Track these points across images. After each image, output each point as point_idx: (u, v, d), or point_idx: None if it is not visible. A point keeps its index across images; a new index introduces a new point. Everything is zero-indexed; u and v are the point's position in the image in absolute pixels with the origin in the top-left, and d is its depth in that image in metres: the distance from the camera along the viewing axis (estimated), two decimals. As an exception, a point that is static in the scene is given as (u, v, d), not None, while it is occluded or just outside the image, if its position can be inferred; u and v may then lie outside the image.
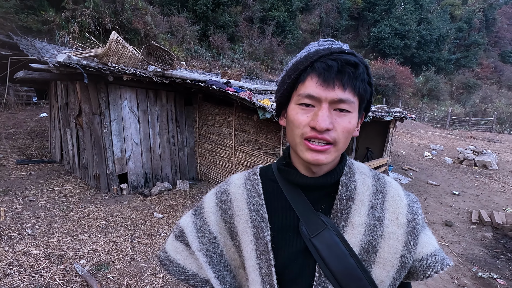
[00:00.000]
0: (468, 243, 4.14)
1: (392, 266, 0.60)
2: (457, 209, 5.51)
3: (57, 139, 5.72)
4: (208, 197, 0.73)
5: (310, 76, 0.56)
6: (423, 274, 0.62)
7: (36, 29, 10.19)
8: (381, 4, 25.07)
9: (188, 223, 0.71)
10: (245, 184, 0.69)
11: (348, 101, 0.56)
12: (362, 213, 0.62)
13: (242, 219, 0.65)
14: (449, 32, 26.11)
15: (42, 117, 8.42)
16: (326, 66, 0.55)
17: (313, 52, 0.58)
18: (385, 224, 0.62)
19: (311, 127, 0.56)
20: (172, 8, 16.00)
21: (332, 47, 0.58)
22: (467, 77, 24.99)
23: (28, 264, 2.70)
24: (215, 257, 0.66)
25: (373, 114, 5.43)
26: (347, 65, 0.55)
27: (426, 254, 0.63)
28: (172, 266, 0.70)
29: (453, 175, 8.03)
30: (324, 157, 0.57)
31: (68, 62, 3.52)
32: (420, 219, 0.64)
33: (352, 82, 0.55)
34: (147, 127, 4.88)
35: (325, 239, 0.59)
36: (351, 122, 0.57)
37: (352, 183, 0.64)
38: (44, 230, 3.32)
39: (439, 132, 16.01)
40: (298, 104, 0.58)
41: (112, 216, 3.81)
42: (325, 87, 0.55)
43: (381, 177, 0.69)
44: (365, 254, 0.60)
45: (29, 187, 4.41)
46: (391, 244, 0.60)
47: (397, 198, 0.65)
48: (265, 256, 0.61)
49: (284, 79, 0.61)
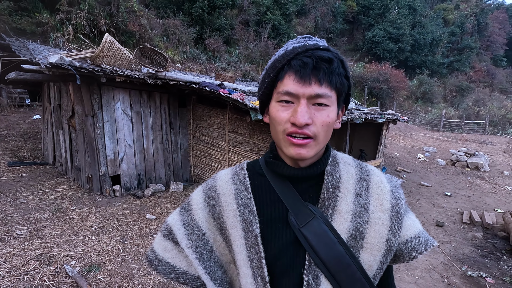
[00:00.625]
0: (458, 243, 4.19)
1: (379, 251, 0.62)
2: (449, 209, 5.57)
3: (50, 141, 5.69)
4: (196, 193, 0.73)
5: (287, 74, 0.58)
6: (408, 256, 0.64)
7: (30, 31, 10.15)
8: (376, 8, 25.38)
9: (176, 221, 0.70)
10: (233, 179, 0.69)
11: (325, 95, 0.57)
12: (348, 201, 0.63)
13: (231, 213, 0.66)
14: (442, 36, 26.49)
15: (35, 119, 8.36)
16: (302, 63, 0.56)
17: (290, 50, 0.59)
18: (371, 210, 0.63)
19: (291, 123, 0.57)
20: (168, 10, 16.03)
21: (308, 44, 0.59)
22: (460, 80, 25.34)
23: (18, 266, 2.68)
24: (205, 253, 0.67)
25: (366, 116, 5.49)
26: (321, 61, 0.57)
27: (410, 237, 0.64)
28: (161, 265, 0.69)
29: (445, 176, 8.12)
30: (306, 151, 0.59)
31: (61, 63, 3.52)
32: (403, 204, 0.66)
33: (327, 77, 0.57)
34: (140, 129, 4.88)
35: (314, 228, 0.60)
36: (330, 116, 0.59)
37: (337, 173, 0.66)
38: (35, 232, 3.30)
39: (433, 135, 16.18)
40: (278, 102, 0.60)
41: (104, 218, 3.80)
42: (302, 84, 0.56)
43: (364, 166, 0.71)
44: (353, 240, 0.61)
45: (20, 189, 4.38)
46: (377, 229, 0.62)
47: (380, 185, 0.67)
48: (255, 249, 0.61)
49: (264, 78, 0.63)
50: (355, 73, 20.73)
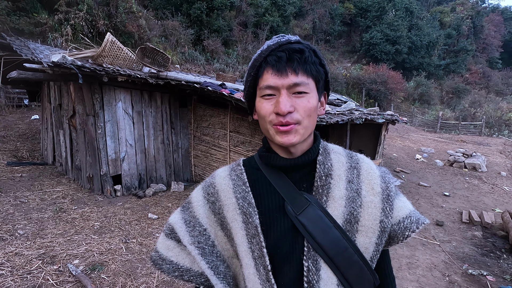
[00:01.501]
0: (458, 242, 4.22)
1: (373, 233, 0.64)
2: (448, 209, 5.61)
3: (50, 141, 5.66)
4: (195, 192, 0.75)
5: (265, 69, 0.62)
6: (402, 235, 0.67)
7: (28, 31, 10.10)
8: (373, 10, 25.57)
9: (177, 219, 0.72)
10: (230, 175, 0.72)
11: (302, 83, 0.61)
12: (341, 187, 0.66)
13: (230, 207, 0.68)
14: (439, 38, 26.74)
15: (33, 119, 8.31)
16: (276, 58, 0.61)
17: (265, 48, 0.64)
18: (363, 195, 0.67)
19: (275, 113, 0.61)
20: (166, 12, 16.03)
21: (280, 41, 0.64)
22: (456, 82, 25.57)
23: (21, 265, 2.67)
24: (207, 248, 0.68)
25: (366, 116, 5.53)
26: (294, 53, 0.61)
27: (402, 217, 0.68)
28: (165, 264, 0.71)
29: (443, 177, 8.18)
30: (293, 136, 0.62)
31: (63, 62, 3.52)
32: (393, 187, 0.70)
33: (302, 66, 0.61)
34: (141, 129, 4.87)
35: (310, 215, 0.63)
36: (310, 101, 0.62)
37: (329, 161, 0.69)
38: (37, 231, 3.28)
39: (430, 136, 16.30)
40: (262, 96, 0.64)
41: (106, 217, 3.78)
42: (280, 76, 0.60)
43: (354, 155, 0.74)
44: (348, 224, 0.64)
45: (20, 189, 4.35)
46: (370, 212, 0.65)
47: (370, 171, 0.71)
48: (255, 239, 0.63)
49: (247, 78, 0.67)
50: (353, 75, 20.85)
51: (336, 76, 19.99)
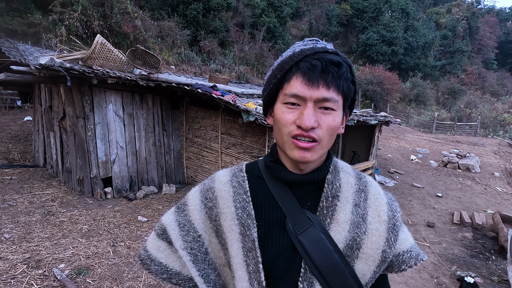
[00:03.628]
0: (448, 243, 4.24)
1: (373, 261, 0.63)
2: (440, 210, 5.64)
3: (41, 143, 5.62)
4: (192, 194, 0.71)
5: (295, 75, 0.57)
6: (398, 268, 0.66)
7: (21, 32, 10.04)
8: (369, 11, 25.67)
9: (170, 221, 0.69)
10: (231, 181, 0.68)
11: (332, 99, 0.57)
12: (346, 211, 0.63)
13: (229, 216, 0.65)
14: (435, 39, 26.88)
15: (26, 121, 8.26)
16: (310, 66, 0.56)
17: (298, 51, 0.59)
18: (368, 221, 0.64)
19: (297, 125, 0.57)
20: (162, 12, 16.00)
21: (316, 47, 0.59)
22: (452, 83, 25.71)
23: (5, 269, 2.64)
24: (199, 255, 0.66)
25: (358, 118, 5.54)
26: (330, 65, 0.56)
27: (403, 250, 0.66)
28: (154, 265, 0.68)
29: (437, 177, 8.22)
30: (310, 154, 0.58)
31: (51, 65, 3.49)
32: (399, 217, 0.67)
33: (336, 81, 0.57)
34: (132, 131, 4.85)
35: (311, 235, 0.60)
36: (336, 120, 0.59)
37: (337, 181, 0.66)
38: (23, 235, 3.25)
39: (426, 136, 16.36)
40: (284, 103, 0.59)
41: (95, 220, 3.76)
42: (310, 87, 0.56)
43: (362, 177, 0.71)
44: (349, 250, 0.62)
45: (9, 192, 4.32)
46: (373, 240, 0.63)
47: (378, 196, 0.68)
48: (252, 253, 0.61)
49: (271, 79, 0.62)
50: (349, 76, 20.86)
51: (332, 77, 19.99)
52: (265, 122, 3.76)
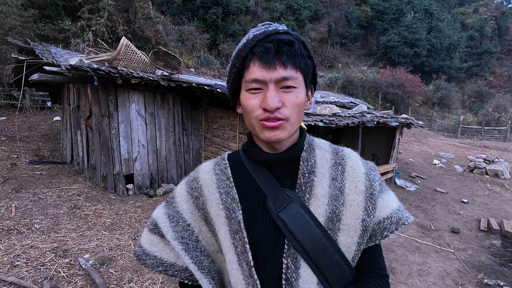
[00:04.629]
0: (475, 250, 4.04)
1: (355, 231, 0.64)
2: (465, 216, 5.39)
3: (68, 140, 5.91)
4: (179, 186, 0.74)
5: (252, 61, 0.59)
6: (380, 235, 0.66)
7: (52, 37, 10.63)
8: (390, 13, 25.11)
9: (160, 214, 0.72)
10: (214, 169, 0.71)
11: (291, 77, 0.58)
12: (324, 185, 0.65)
13: (214, 202, 0.67)
14: (460, 40, 25.85)
15: (55, 120, 8.72)
16: (264, 49, 0.57)
17: (251, 38, 0.60)
18: (346, 193, 0.65)
19: (262, 108, 0.59)
20: (183, 17, 16.44)
21: (268, 30, 0.60)
22: (479, 86, 24.54)
23: (35, 257, 2.80)
24: (190, 243, 0.68)
25: (378, 119, 5.43)
26: (283, 45, 0.58)
27: (383, 217, 0.67)
28: (149, 259, 0.70)
29: (462, 183, 7.86)
30: (280, 132, 0.60)
31: (80, 65, 3.69)
32: (377, 185, 0.68)
33: (291, 59, 0.58)
34: (153, 130, 5.00)
35: (291, 212, 0.61)
36: (299, 97, 0.60)
37: (312, 158, 0.67)
38: (52, 226, 3.43)
39: (450, 141, 15.71)
40: (247, 90, 0.61)
41: (117, 215, 3.90)
42: (268, 69, 0.57)
43: (340, 151, 0.72)
44: (330, 223, 0.63)
45: (39, 186, 4.57)
46: (352, 210, 0.64)
47: (355, 167, 0.69)
48: (238, 235, 0.63)
49: (231, 69, 0.64)
50: (369, 78, 20.48)
51: (351, 80, 19.71)
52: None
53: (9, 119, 8.33)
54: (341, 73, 20.32)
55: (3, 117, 8.30)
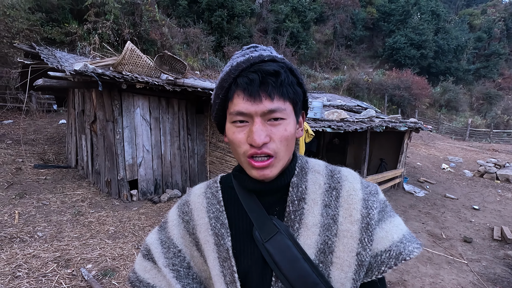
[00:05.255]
0: (489, 261, 3.89)
1: (349, 266, 0.57)
2: (477, 224, 5.23)
3: (73, 145, 5.89)
4: (171, 210, 0.72)
5: (236, 93, 0.55)
6: (377, 270, 0.59)
7: (59, 40, 10.69)
8: (397, 14, 24.89)
9: (153, 240, 0.70)
10: (205, 192, 0.68)
11: (279, 109, 0.55)
12: (315, 213, 0.60)
13: (203, 227, 0.65)
14: (468, 41, 25.51)
15: (61, 123, 8.74)
16: (248, 80, 0.54)
17: (235, 66, 0.56)
18: (339, 222, 0.59)
19: (249, 144, 0.55)
20: (188, 20, 16.47)
21: (252, 57, 0.56)
22: (487, 88, 24.14)
23: (37, 267, 2.74)
24: (182, 270, 0.66)
25: (387, 124, 5.31)
26: (268, 76, 0.54)
27: (381, 250, 0.59)
28: (142, 286, 0.69)
29: (473, 188, 7.67)
30: (269, 171, 0.56)
31: (84, 71, 3.64)
32: (375, 214, 0.60)
33: (278, 90, 0.54)
34: (158, 134, 4.95)
35: (277, 243, 0.57)
36: (287, 129, 0.56)
37: (303, 183, 0.63)
38: (55, 234, 3.38)
39: (458, 144, 15.44)
40: (232, 123, 0.57)
41: (121, 222, 3.84)
42: (253, 102, 0.54)
43: (336, 173, 0.66)
44: (322, 255, 0.58)
45: (43, 191, 4.54)
46: (345, 242, 0.58)
47: (352, 192, 0.62)
48: (227, 263, 0.60)
49: (215, 99, 0.60)
50: (375, 80, 20.29)
51: (357, 82, 19.55)
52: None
53: (15, 122, 8.37)
54: (346, 75, 20.16)
55: (10, 120, 8.34)
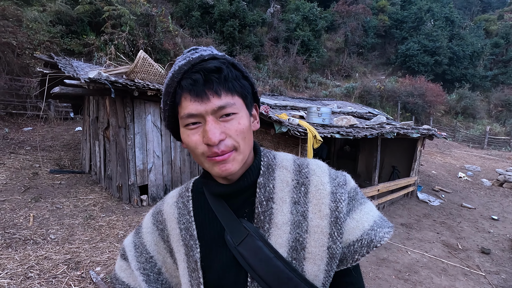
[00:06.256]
0: (509, 274, 3.70)
1: (321, 260, 0.59)
2: (496, 235, 5.00)
3: (87, 151, 6.07)
4: (146, 217, 0.74)
5: (183, 96, 0.55)
6: (351, 259, 0.60)
7: (77, 51, 11.16)
8: (409, 21, 24.66)
9: (129, 242, 0.74)
10: (177, 202, 0.69)
11: (228, 104, 0.55)
12: (284, 211, 0.60)
13: (175, 238, 0.67)
14: (484, 47, 24.89)
15: (77, 131, 9.03)
16: (192, 81, 0.54)
17: (177, 70, 0.56)
18: (309, 218, 0.60)
19: (205, 144, 0.55)
20: (201, 30, 16.87)
21: (192, 59, 0.56)
22: (506, 95, 23.33)
23: (48, 269, 2.81)
24: (152, 275, 0.69)
25: (398, 131, 5.21)
26: (210, 73, 0.54)
27: (353, 241, 0.60)
28: (118, 283, 0.73)
29: (491, 198, 7.37)
30: (231, 164, 0.56)
31: (98, 78, 3.78)
32: (343, 206, 0.61)
33: (223, 86, 0.55)
34: (169, 140, 5.03)
35: (249, 245, 0.58)
36: (241, 123, 0.57)
37: (270, 183, 0.62)
38: (66, 237, 3.46)
39: (476, 152, 14.93)
40: (185, 126, 0.57)
41: (131, 226, 3.90)
42: (201, 101, 0.54)
43: (304, 167, 0.65)
44: (294, 252, 0.59)
45: (58, 195, 4.67)
46: (316, 237, 0.59)
47: (320, 187, 0.62)
48: (195, 274, 0.62)
49: (164, 107, 0.60)
50: (388, 88, 20.02)
51: (369, 89, 19.34)
52: (297, 133, 3.67)
53: (34, 129, 8.72)
54: (358, 83, 19.99)
55: (30, 127, 8.69)
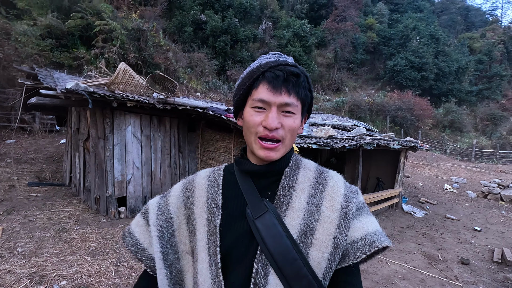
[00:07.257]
0: (486, 284, 3.68)
1: (326, 248, 0.65)
2: (478, 246, 5.00)
3: (68, 163, 5.98)
4: (178, 184, 0.82)
5: (262, 83, 0.67)
6: (353, 256, 0.66)
7: (67, 65, 11.18)
8: (396, 38, 25.52)
9: (154, 202, 0.80)
10: (209, 176, 0.79)
11: (292, 104, 0.67)
12: (302, 200, 0.70)
13: (200, 204, 0.74)
14: (469, 64, 25.74)
15: (62, 143, 8.92)
16: (274, 75, 0.66)
17: (264, 63, 0.68)
18: (322, 210, 0.69)
19: (263, 126, 0.66)
20: (193, 45, 17.14)
21: (279, 60, 0.69)
22: (491, 109, 24.00)
23: (9, 283, 2.70)
24: (166, 234, 0.74)
25: (378, 142, 5.28)
26: (291, 75, 0.66)
27: (357, 238, 0.67)
28: (129, 236, 0.77)
29: (475, 209, 7.41)
30: (274, 153, 0.68)
31: (75, 89, 3.78)
32: (353, 206, 0.70)
33: (295, 89, 0.67)
34: (149, 152, 5.00)
35: (265, 220, 0.65)
36: (295, 122, 0.68)
37: (295, 174, 0.73)
38: (35, 250, 3.35)
39: (463, 165, 15.13)
40: (252, 107, 0.68)
41: (104, 239, 3.80)
42: (274, 93, 0.66)
43: (324, 172, 0.77)
44: (303, 236, 0.66)
45: (32, 208, 4.55)
46: (325, 226, 0.67)
47: (335, 188, 0.72)
48: (213, 237, 0.68)
49: (240, 86, 0.72)
50: (377, 102, 20.41)
51: (359, 103, 19.70)
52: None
53: (18, 142, 8.59)
54: (348, 97, 20.37)
55: (13, 140, 8.56)
